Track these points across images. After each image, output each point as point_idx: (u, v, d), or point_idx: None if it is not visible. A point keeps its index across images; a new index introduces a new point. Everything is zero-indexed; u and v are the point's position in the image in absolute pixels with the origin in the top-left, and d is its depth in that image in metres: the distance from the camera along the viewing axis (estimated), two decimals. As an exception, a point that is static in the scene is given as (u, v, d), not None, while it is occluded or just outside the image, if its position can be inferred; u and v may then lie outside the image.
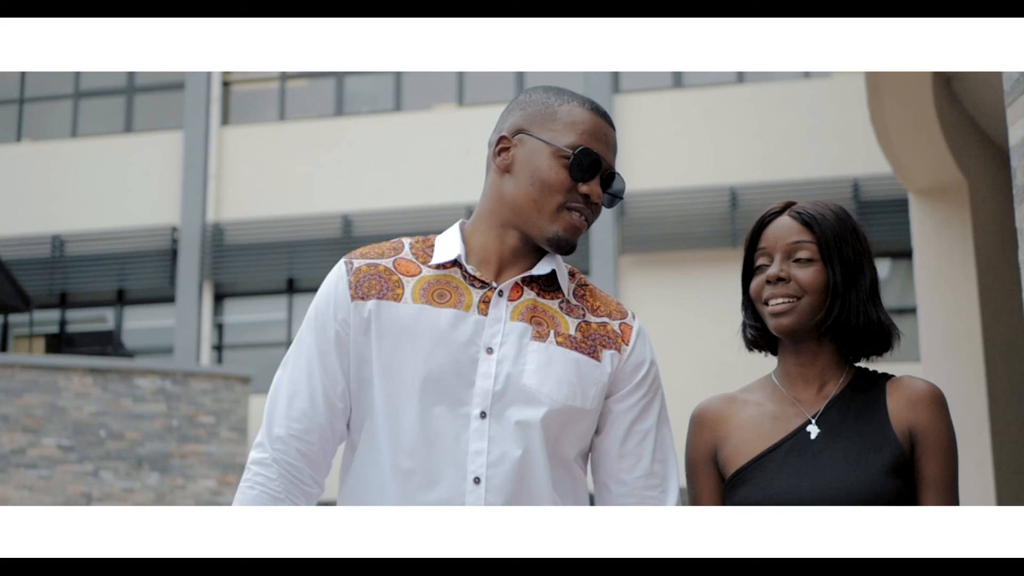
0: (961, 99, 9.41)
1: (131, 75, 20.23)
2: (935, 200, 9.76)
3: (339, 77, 19.65)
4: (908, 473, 2.48)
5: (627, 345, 2.53)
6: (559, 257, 2.55)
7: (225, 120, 19.76)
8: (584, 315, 2.53)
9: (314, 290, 18.94)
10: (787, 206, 2.62)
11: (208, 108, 19.51)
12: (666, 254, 17.63)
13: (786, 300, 2.55)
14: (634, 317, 2.58)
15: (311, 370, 2.51)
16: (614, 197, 2.54)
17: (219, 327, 19.21)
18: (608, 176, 2.52)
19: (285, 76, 19.92)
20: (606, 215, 17.60)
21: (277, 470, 2.48)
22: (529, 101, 2.57)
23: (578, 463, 2.51)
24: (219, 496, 15.04)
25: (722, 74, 18.56)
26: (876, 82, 8.99)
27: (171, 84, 20.07)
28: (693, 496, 2.64)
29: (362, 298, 2.49)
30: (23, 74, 20.69)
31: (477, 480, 2.38)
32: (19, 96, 20.66)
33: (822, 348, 2.58)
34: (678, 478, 2.56)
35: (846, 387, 2.58)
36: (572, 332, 2.49)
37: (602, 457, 2.52)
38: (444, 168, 18.33)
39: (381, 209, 18.33)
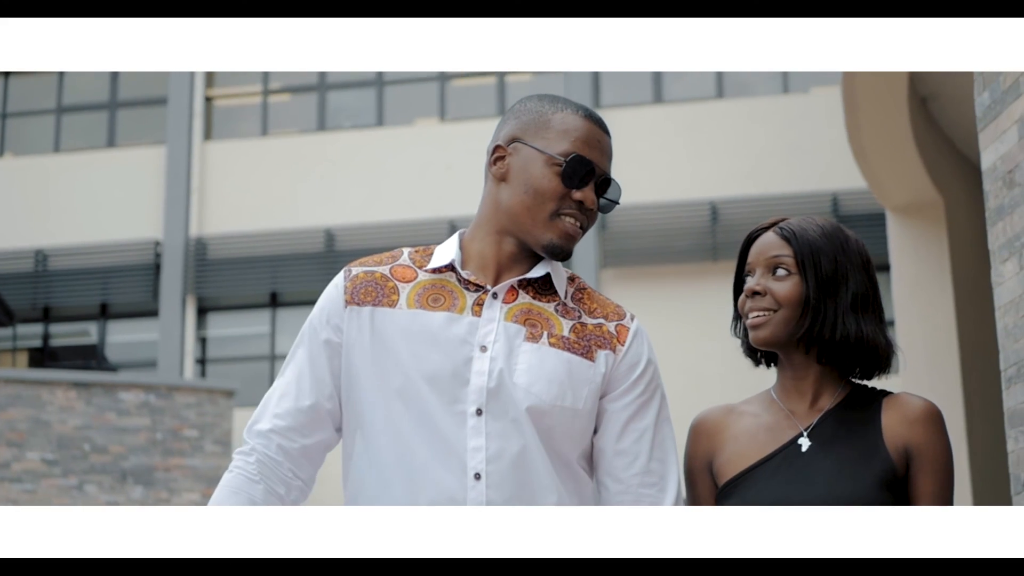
0: (937, 119, 9.56)
1: (113, 90, 20.20)
2: (912, 217, 9.90)
3: (321, 92, 19.66)
4: (898, 489, 2.50)
5: (622, 345, 2.55)
6: (551, 263, 2.58)
7: (208, 135, 19.72)
8: (580, 317, 2.56)
9: (297, 304, 19.08)
10: (776, 223, 2.67)
11: (191, 123, 19.47)
12: (647, 268, 17.66)
13: (761, 313, 2.59)
14: (633, 319, 2.60)
15: (300, 372, 2.57)
16: (610, 202, 2.59)
17: (202, 341, 19.18)
18: (603, 182, 2.55)
19: (267, 91, 19.93)
20: (588, 230, 17.73)
21: (256, 458, 2.53)
22: (524, 110, 2.60)
23: (582, 466, 2.53)
24: (203, 509, 15.04)
25: (702, 89, 18.62)
26: (853, 102, 9.12)
27: (154, 99, 20.06)
28: (691, 503, 2.67)
29: (357, 304, 2.53)
30: (5, 88, 20.66)
31: (478, 476, 2.40)
32: (1, 111, 20.62)
33: (812, 362, 2.60)
34: (679, 477, 2.58)
35: (840, 401, 2.59)
36: (566, 333, 2.52)
37: (599, 455, 2.54)
38: (426, 183, 18.36)
39: (364, 223, 18.33)
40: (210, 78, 20.09)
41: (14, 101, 20.68)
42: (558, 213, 2.51)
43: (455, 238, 2.61)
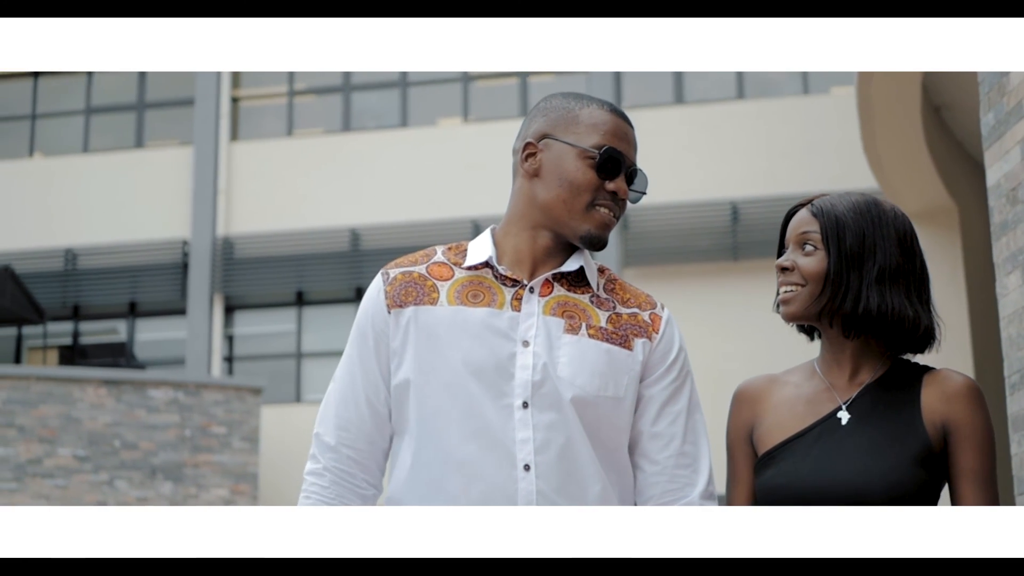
0: (951, 128, 9.65)
1: (141, 91, 20.31)
2: (925, 224, 10.04)
3: (346, 93, 19.74)
4: (934, 465, 2.50)
5: (657, 333, 2.62)
6: (587, 254, 2.64)
7: (234, 135, 19.81)
8: (615, 307, 2.62)
9: (322, 302, 19.18)
10: (812, 199, 2.69)
11: (217, 124, 19.57)
12: (668, 267, 17.69)
13: (791, 288, 2.62)
14: (663, 307, 2.67)
15: (354, 380, 2.62)
16: (639, 193, 2.66)
17: (229, 339, 19.25)
18: (631, 173, 2.62)
19: (293, 92, 20.00)
20: (609, 229, 17.80)
21: (330, 478, 2.59)
22: (550, 107, 2.66)
23: (624, 455, 2.60)
24: (231, 505, 15.16)
25: (723, 90, 18.64)
26: (868, 112, 9.23)
27: (181, 100, 20.17)
28: (730, 472, 2.70)
29: (400, 306, 2.59)
30: (35, 90, 20.81)
31: (527, 467, 2.46)
32: (31, 112, 20.74)
33: (844, 336, 2.61)
34: (710, 461, 2.64)
35: (881, 376, 2.60)
36: (603, 324, 2.58)
37: (636, 438, 2.60)
38: (449, 182, 18.41)
39: (388, 223, 18.40)
40: (236, 79, 20.17)
41: (44, 102, 20.80)
42: (593, 204, 2.57)
43: (487, 234, 2.67)
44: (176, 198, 19.46)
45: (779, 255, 2.69)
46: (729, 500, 2.69)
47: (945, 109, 9.45)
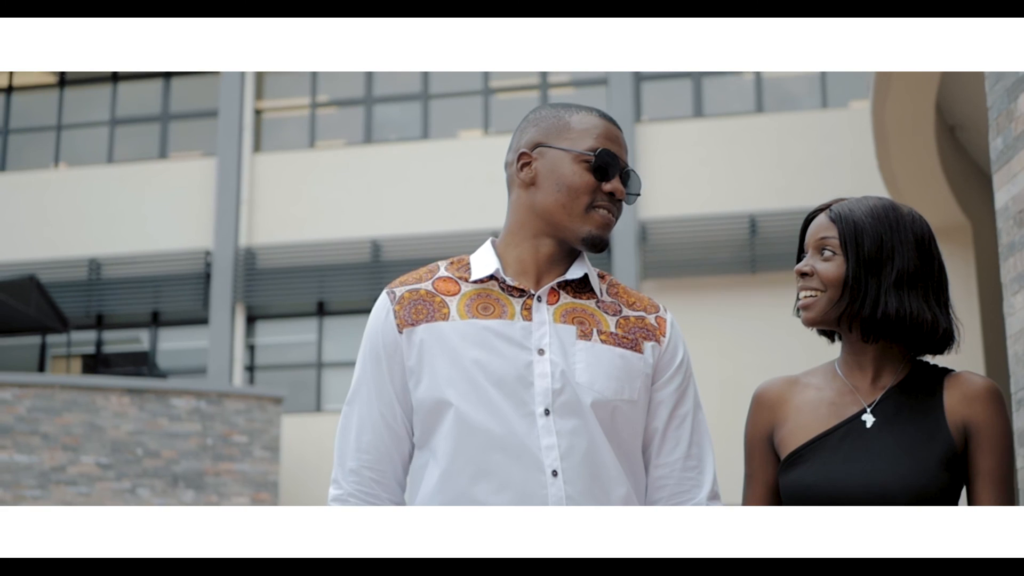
0: (965, 147, 9.74)
1: (165, 102, 20.47)
2: (940, 240, 10.08)
3: (368, 105, 19.85)
4: (957, 468, 2.51)
5: (664, 336, 2.66)
6: (588, 262, 2.67)
7: (257, 147, 19.94)
8: (621, 311, 2.65)
9: (344, 313, 19.27)
10: (830, 204, 2.70)
11: (240, 135, 19.69)
12: (687, 280, 17.76)
13: (810, 294, 2.62)
14: (666, 310, 2.71)
15: (371, 401, 2.62)
16: (633, 195, 2.67)
17: (251, 348, 19.36)
18: (625, 174, 2.64)
19: (315, 104, 20.13)
20: (629, 242, 17.88)
21: (354, 503, 2.59)
22: (540, 117, 2.68)
23: (640, 457, 2.63)
24: (253, 513, 15.24)
25: (742, 103, 18.73)
26: (883, 133, 9.32)
27: (204, 112, 20.32)
28: (748, 473, 2.71)
29: (411, 325, 2.60)
30: (60, 101, 20.97)
31: (555, 473, 2.48)
32: (56, 123, 20.90)
33: (867, 341, 2.61)
34: (714, 462, 2.68)
35: (903, 379, 2.60)
36: (613, 329, 2.61)
37: (647, 441, 2.64)
38: (470, 194, 18.47)
39: (409, 234, 18.49)
40: (259, 91, 20.31)
41: (69, 113, 20.97)
42: (592, 206, 2.60)
43: (489, 247, 2.69)
44: (199, 209, 19.59)
45: (798, 260, 2.71)
46: (745, 499, 2.71)
47: (959, 129, 9.55)
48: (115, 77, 20.82)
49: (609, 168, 2.61)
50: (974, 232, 9.55)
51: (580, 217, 2.60)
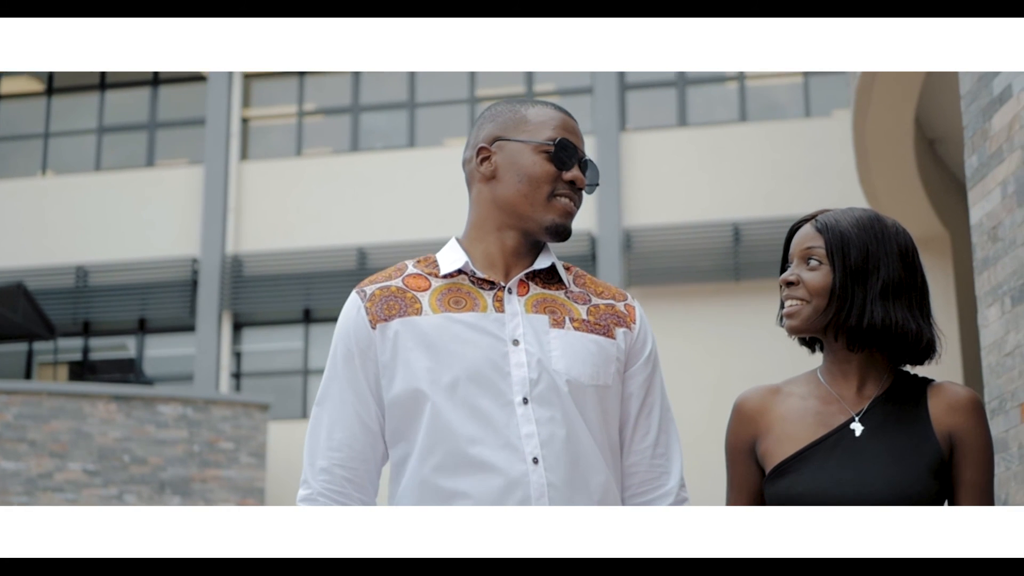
0: (944, 160, 9.87)
1: (153, 110, 20.50)
2: (919, 251, 10.21)
3: (354, 113, 19.91)
4: (944, 476, 2.53)
5: (635, 323, 2.68)
6: (553, 253, 2.69)
7: (244, 155, 19.98)
8: (590, 299, 2.67)
9: (330, 320, 19.19)
10: (816, 215, 2.70)
11: (228, 143, 19.72)
12: (671, 287, 17.82)
13: (795, 303, 2.62)
14: (632, 298, 2.73)
15: (344, 400, 2.61)
16: (592, 185, 2.69)
17: (237, 355, 19.38)
18: (583, 164, 2.66)
19: (302, 113, 20.19)
20: (613, 249, 17.98)
21: (323, 503, 2.58)
22: (496, 112, 2.70)
23: (615, 445, 2.64)
24: (240, 520, 15.23)
25: (725, 112, 18.83)
26: (863, 147, 9.45)
27: (191, 120, 20.35)
28: (731, 482, 2.70)
29: (384, 320, 2.60)
30: (47, 108, 20.98)
31: (536, 460, 2.49)
32: (44, 131, 20.92)
33: (852, 350, 2.63)
34: (680, 448, 2.72)
35: (888, 388, 2.61)
36: (584, 316, 2.63)
37: (619, 429, 2.66)
38: (456, 202, 18.37)
39: (395, 242, 18.53)
40: (246, 99, 20.36)
41: (56, 121, 20.98)
42: (553, 194, 2.61)
43: (455, 243, 2.70)
44: (186, 216, 19.62)
45: (782, 271, 2.71)
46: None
47: (938, 142, 9.67)
48: (103, 85, 20.86)
49: (568, 157, 2.63)
50: (952, 243, 9.64)
51: (543, 206, 2.61)
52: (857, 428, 2.56)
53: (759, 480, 2.66)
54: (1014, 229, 4.53)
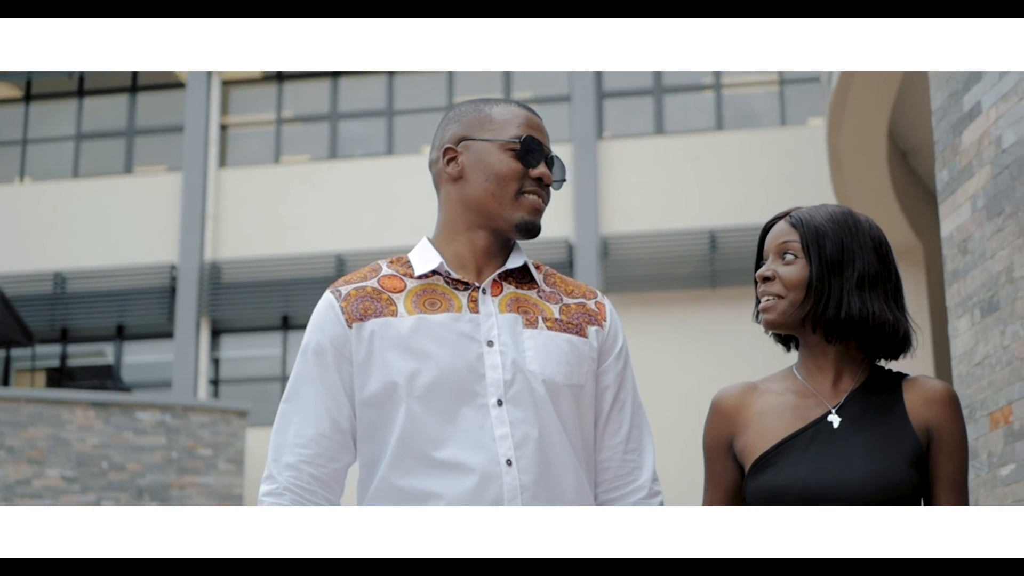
0: (917, 171, 9.99)
1: (131, 117, 20.50)
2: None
3: (333, 121, 19.95)
4: (923, 467, 2.54)
5: (606, 321, 2.69)
6: (523, 252, 2.69)
7: (222, 162, 20.00)
8: (562, 299, 2.67)
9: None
10: (789, 212, 2.71)
11: (206, 150, 19.74)
12: (648, 294, 17.91)
13: (770, 298, 2.63)
14: (603, 295, 2.74)
15: (315, 397, 2.58)
16: (559, 181, 2.69)
17: (216, 362, 19.40)
18: (550, 160, 2.66)
19: (280, 120, 20.21)
20: (591, 256, 18.06)
21: (290, 497, 2.54)
22: (461, 113, 2.70)
23: (589, 446, 2.65)
24: (218, 526, 15.22)
25: (702, 121, 18.94)
26: (837, 159, 9.57)
27: (170, 127, 20.35)
28: (709, 479, 2.71)
29: (360, 319, 2.58)
30: (25, 115, 20.95)
31: (509, 462, 2.48)
32: (22, 137, 20.90)
33: (826, 342, 2.64)
34: (653, 443, 2.73)
35: (864, 382, 2.62)
36: (557, 315, 2.63)
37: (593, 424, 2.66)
38: (433, 209, 18.19)
39: (373, 249, 18.51)
40: (225, 106, 20.37)
41: (34, 127, 20.96)
42: (521, 192, 2.61)
43: (427, 243, 2.69)
44: (164, 223, 19.62)
45: (757, 268, 2.72)
46: (705, 504, 2.71)
47: (911, 154, 9.77)
48: (81, 92, 20.85)
49: (534, 154, 2.62)
50: (925, 253, 9.73)
51: (511, 204, 2.61)
52: (835, 420, 2.57)
53: (737, 477, 2.67)
54: (983, 242, 4.61)
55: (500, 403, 2.52)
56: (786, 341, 2.75)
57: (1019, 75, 4.41)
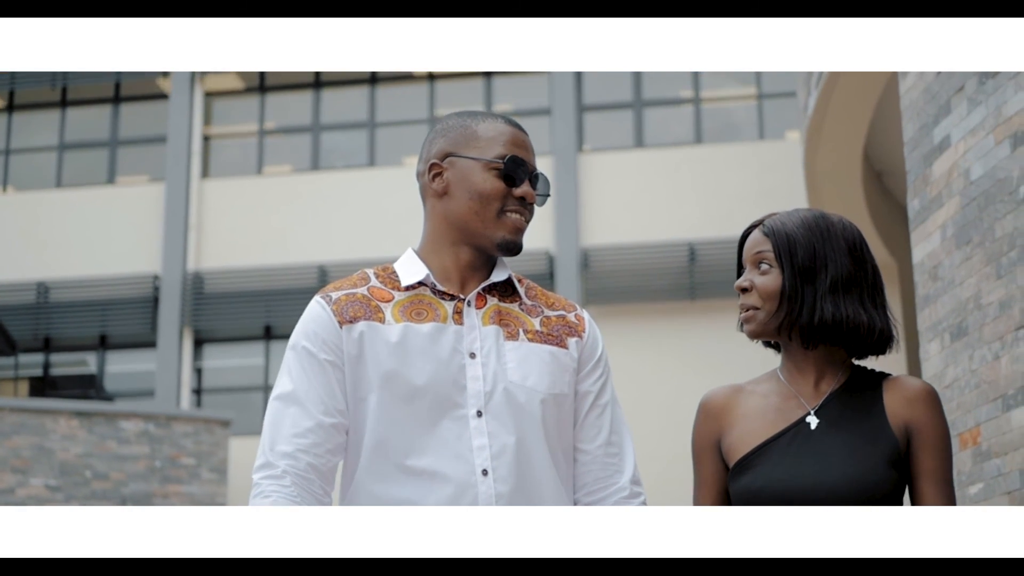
0: (892, 191, 10.14)
1: (114, 128, 20.56)
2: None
3: (315, 133, 20.04)
4: (902, 466, 2.55)
5: (585, 332, 2.72)
6: (507, 267, 2.72)
7: (205, 173, 20.06)
8: (543, 312, 2.71)
9: (290, 337, 19.09)
10: (763, 220, 2.73)
11: (189, 161, 19.80)
12: (628, 306, 18.02)
13: (749, 309, 2.65)
14: (582, 309, 2.78)
15: (308, 391, 2.57)
16: (543, 196, 2.70)
17: (198, 372, 19.44)
18: (533, 178, 2.67)
19: (263, 131, 20.28)
20: (571, 268, 18.20)
21: (291, 479, 2.52)
22: (448, 127, 2.70)
23: (568, 456, 2.68)
24: (201, 535, 15.25)
25: (682, 134, 19.10)
26: (814, 177, 9.72)
27: (153, 137, 20.41)
28: (698, 480, 2.72)
29: (350, 322, 2.59)
30: (8, 125, 20.96)
31: (485, 472, 2.51)
32: (5, 147, 20.92)
33: (808, 348, 2.65)
34: (633, 447, 2.76)
35: (844, 383, 2.63)
36: (538, 327, 2.66)
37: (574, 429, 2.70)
38: (415, 220, 18.37)
39: (355, 260, 18.59)
40: (207, 117, 20.44)
41: (17, 137, 21.00)
42: (503, 211, 2.62)
43: (412, 254, 2.71)
44: (147, 233, 19.66)
45: (738, 277, 2.73)
46: (695, 504, 2.72)
47: (886, 175, 9.92)
48: (63, 102, 20.90)
49: (518, 174, 2.64)
50: (899, 272, 9.82)
51: (493, 223, 2.62)
52: (813, 421, 2.59)
53: (725, 476, 2.68)
54: (952, 270, 4.76)
55: (480, 414, 2.55)
56: (776, 346, 2.77)
57: (986, 111, 4.57)
